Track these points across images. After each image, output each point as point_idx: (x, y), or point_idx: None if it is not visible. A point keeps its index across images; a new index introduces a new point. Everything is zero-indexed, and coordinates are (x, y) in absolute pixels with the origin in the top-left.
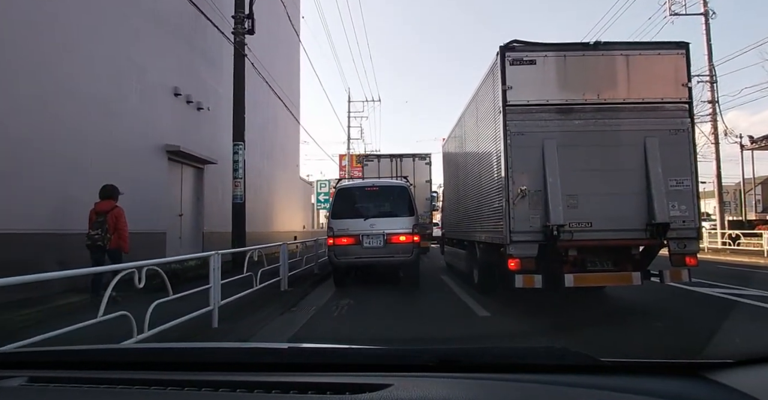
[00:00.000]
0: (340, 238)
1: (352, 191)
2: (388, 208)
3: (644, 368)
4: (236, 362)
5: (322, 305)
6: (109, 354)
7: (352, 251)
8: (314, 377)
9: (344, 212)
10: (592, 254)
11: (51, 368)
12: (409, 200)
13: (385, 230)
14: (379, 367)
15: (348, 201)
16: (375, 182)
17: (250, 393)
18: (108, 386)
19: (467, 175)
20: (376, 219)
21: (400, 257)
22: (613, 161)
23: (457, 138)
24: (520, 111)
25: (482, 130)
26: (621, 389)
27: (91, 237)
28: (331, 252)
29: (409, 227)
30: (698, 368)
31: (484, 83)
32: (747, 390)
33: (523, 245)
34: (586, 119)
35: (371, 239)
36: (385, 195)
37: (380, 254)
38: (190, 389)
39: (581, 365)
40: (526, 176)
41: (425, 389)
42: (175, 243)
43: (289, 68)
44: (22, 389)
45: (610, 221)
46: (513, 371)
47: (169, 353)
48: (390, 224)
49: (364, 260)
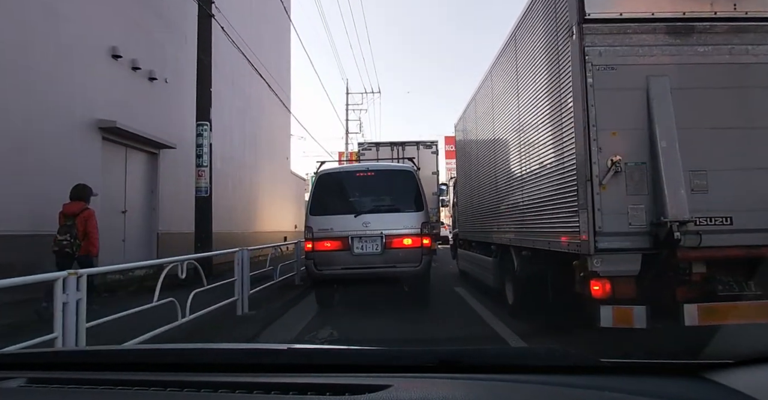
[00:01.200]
0: (322, 241)
1: (338, 178)
2: (387, 200)
3: (644, 368)
4: (236, 363)
5: (291, 340)
6: (108, 355)
7: (338, 259)
8: (313, 378)
9: (328, 207)
10: (727, 269)
11: (50, 369)
12: (416, 190)
13: (384, 231)
14: (378, 368)
15: (333, 191)
16: (370, 166)
17: (250, 394)
18: (107, 387)
19: (494, 156)
20: (372, 216)
21: (405, 268)
22: (763, 115)
23: (474, 117)
24: (608, 31)
25: (529, 82)
26: (621, 390)
27: (58, 243)
28: (309, 261)
29: (416, 226)
30: (698, 369)
31: (530, 9)
32: (747, 390)
33: (618, 256)
34: (717, 44)
35: (365, 242)
36: (383, 183)
37: (377, 264)
38: (189, 390)
39: (581, 366)
40: (620, 140)
41: (425, 389)
42: (116, 248)
43: (278, 51)
44: (21, 391)
45: (762, 215)
46: (513, 371)
47: (169, 354)
48: (390, 222)
49: (355, 271)
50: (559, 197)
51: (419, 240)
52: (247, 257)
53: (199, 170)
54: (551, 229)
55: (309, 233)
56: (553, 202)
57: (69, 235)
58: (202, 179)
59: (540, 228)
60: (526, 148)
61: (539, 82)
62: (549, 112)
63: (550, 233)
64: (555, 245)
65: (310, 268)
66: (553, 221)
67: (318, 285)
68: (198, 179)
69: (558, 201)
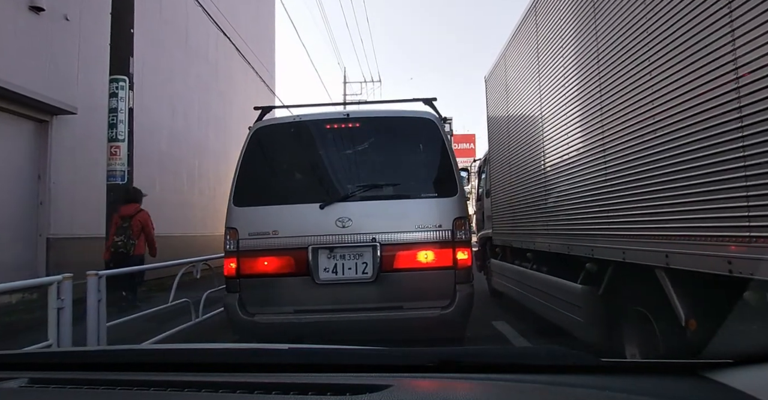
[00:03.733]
0: (256, 258)
1: (291, 135)
2: (386, 175)
3: (644, 368)
4: (236, 363)
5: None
6: (109, 356)
7: (288, 293)
8: (314, 378)
9: (269, 190)
10: None
11: (51, 370)
12: (442, 155)
13: (380, 236)
14: (379, 368)
15: (280, 161)
16: (353, 112)
17: (250, 394)
18: (107, 387)
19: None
20: (356, 206)
21: (421, 311)
22: None
23: (535, 53)
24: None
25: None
26: (621, 390)
27: (114, 244)
28: (231, 297)
29: (442, 226)
30: (698, 368)
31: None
32: (747, 390)
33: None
34: None
35: (341, 259)
36: (378, 143)
37: (365, 303)
38: (190, 390)
39: (581, 366)
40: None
41: (425, 389)
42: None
43: (257, 21)
44: (21, 391)
45: None
46: (513, 371)
47: (169, 355)
48: (391, 217)
49: (322, 318)
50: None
51: (449, 254)
52: (94, 287)
53: (113, 146)
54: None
55: (232, 240)
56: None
57: (124, 236)
58: (116, 159)
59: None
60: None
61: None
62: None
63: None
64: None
65: (232, 311)
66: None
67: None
68: (111, 159)
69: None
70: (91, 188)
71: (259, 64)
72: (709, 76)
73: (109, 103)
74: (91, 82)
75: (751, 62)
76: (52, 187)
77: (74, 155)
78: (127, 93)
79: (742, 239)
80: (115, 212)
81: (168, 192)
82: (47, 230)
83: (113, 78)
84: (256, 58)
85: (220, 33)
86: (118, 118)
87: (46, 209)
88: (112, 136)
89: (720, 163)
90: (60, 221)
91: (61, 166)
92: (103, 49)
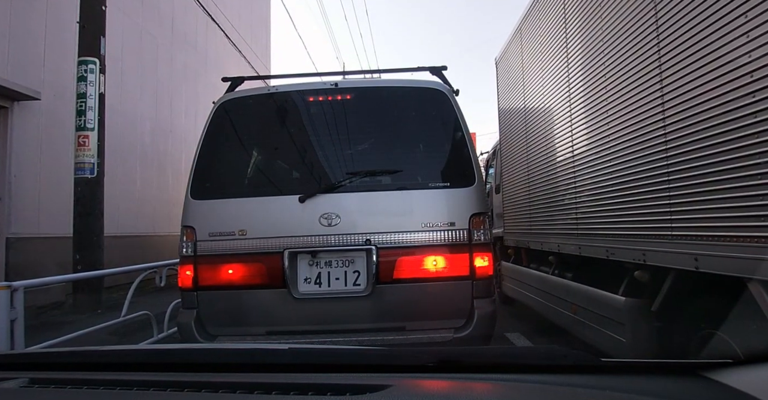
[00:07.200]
0: (219, 265)
1: (264, 110)
2: (384, 160)
3: (644, 368)
4: (237, 363)
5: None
6: (109, 356)
7: (259, 310)
8: (314, 378)
9: (234, 179)
10: None
11: (51, 370)
12: (455, 135)
13: (376, 236)
14: (379, 368)
15: (249, 142)
16: (342, 82)
17: (250, 394)
18: (107, 387)
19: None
20: (346, 198)
21: (429, 334)
22: None
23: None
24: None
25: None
26: (621, 389)
27: None
28: (186, 315)
29: (456, 224)
30: (698, 368)
31: None
32: (747, 390)
33: None
34: None
35: (326, 267)
36: (375, 120)
37: (357, 324)
38: (190, 390)
39: (581, 366)
40: None
41: (425, 389)
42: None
43: (251, 10)
44: (21, 391)
45: None
46: (513, 371)
47: (169, 355)
48: (391, 213)
49: (301, 342)
50: None
51: (465, 260)
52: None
53: (81, 136)
54: None
55: (188, 242)
56: None
57: None
58: (85, 150)
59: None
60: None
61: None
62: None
63: None
64: None
65: (187, 332)
66: None
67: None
68: (79, 150)
69: None
70: (60, 183)
71: (254, 56)
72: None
73: (77, 87)
74: (60, 65)
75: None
76: (12, 180)
77: (39, 146)
78: (98, 77)
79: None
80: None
81: (151, 188)
82: (7, 228)
83: (82, 60)
84: (251, 49)
85: (210, 21)
86: (86, 105)
87: (5, 205)
88: (81, 125)
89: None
90: (22, 219)
91: (23, 158)
92: (74, 29)
